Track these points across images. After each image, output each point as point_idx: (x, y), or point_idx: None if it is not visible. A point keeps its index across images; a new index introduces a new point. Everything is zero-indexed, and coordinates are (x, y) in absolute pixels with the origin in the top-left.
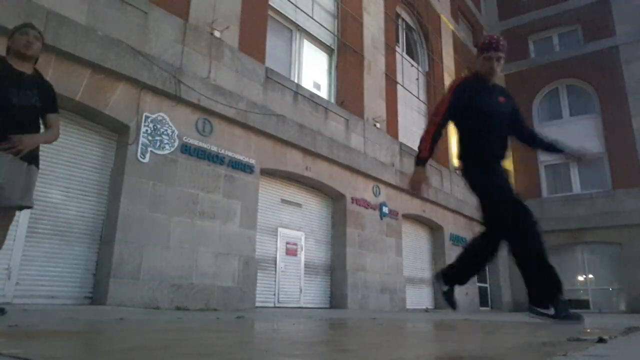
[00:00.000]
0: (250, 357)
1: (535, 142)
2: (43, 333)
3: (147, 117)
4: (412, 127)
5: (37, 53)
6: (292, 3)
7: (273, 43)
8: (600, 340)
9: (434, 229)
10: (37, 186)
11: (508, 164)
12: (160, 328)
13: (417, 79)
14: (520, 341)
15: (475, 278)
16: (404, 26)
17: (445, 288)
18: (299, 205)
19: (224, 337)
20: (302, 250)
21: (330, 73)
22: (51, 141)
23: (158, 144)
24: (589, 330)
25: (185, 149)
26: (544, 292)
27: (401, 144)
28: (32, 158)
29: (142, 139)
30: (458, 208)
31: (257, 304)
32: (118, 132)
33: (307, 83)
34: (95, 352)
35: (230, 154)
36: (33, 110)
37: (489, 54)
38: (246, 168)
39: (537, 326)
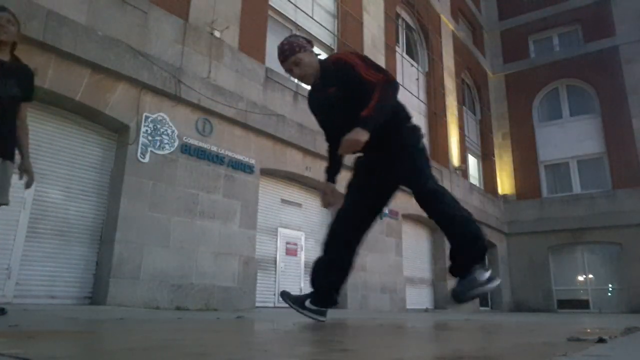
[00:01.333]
0: (250, 357)
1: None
2: (43, 333)
3: (147, 117)
4: None
5: (12, 38)
6: (292, 3)
7: (273, 43)
8: (600, 340)
9: (434, 229)
10: (37, 186)
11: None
12: (160, 328)
13: (417, 79)
14: (520, 341)
15: None
16: (404, 26)
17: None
18: (299, 205)
19: (224, 337)
20: (302, 250)
21: None
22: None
23: (158, 144)
24: (589, 330)
25: (185, 149)
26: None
27: None
28: (7, 154)
29: (142, 139)
30: None
31: (257, 304)
32: (118, 132)
33: None
34: (95, 352)
35: (230, 154)
36: (12, 101)
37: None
38: (246, 168)
39: (537, 326)
